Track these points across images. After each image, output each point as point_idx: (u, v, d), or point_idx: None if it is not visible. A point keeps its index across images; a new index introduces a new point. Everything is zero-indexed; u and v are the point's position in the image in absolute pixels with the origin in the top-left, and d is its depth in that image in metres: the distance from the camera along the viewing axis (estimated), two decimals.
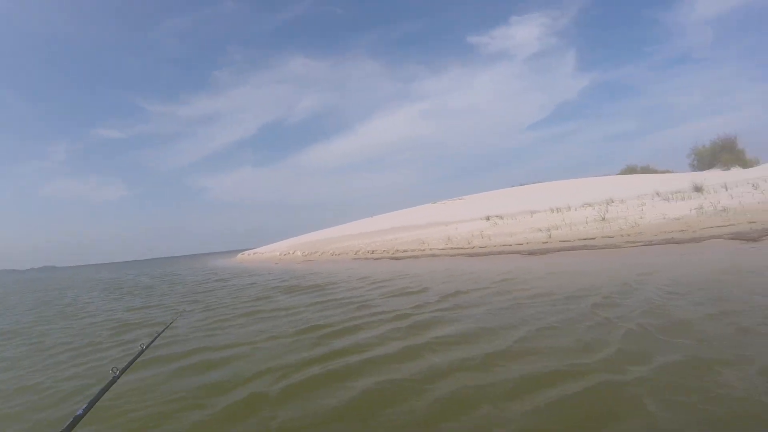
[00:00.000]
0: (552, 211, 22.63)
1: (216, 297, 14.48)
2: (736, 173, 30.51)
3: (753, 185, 18.87)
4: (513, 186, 48.33)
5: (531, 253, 15.64)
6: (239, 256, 52.93)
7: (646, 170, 41.42)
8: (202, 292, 16.49)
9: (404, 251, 22.82)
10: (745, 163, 36.23)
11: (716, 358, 4.23)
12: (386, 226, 36.31)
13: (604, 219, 17.40)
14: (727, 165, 35.24)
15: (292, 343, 6.73)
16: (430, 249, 21.39)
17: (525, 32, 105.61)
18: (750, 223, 13.55)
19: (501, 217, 25.01)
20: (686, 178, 26.10)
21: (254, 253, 48.77)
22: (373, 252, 25.11)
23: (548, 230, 17.89)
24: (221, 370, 5.78)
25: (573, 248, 15.02)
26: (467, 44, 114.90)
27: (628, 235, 14.76)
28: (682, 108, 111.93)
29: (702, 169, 37.01)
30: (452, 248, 20.23)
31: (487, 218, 25.64)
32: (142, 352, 2.83)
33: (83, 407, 1.87)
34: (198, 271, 35.19)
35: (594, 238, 15.49)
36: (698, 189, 19.50)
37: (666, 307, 6.37)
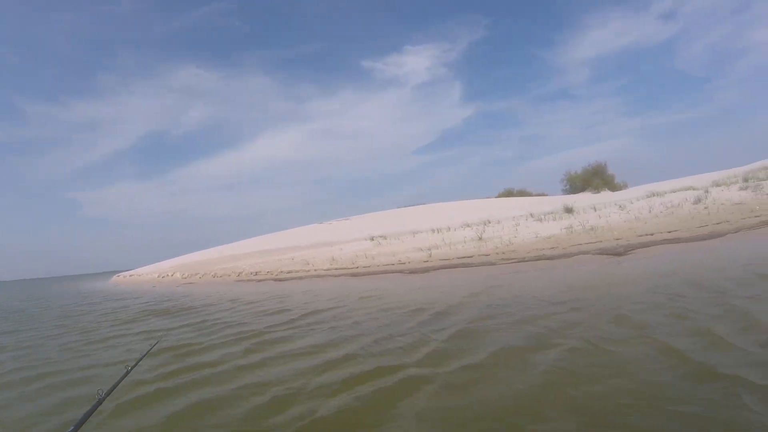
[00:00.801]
0: (433, 231, 23.11)
1: (84, 321, 13.37)
2: (606, 196, 32.87)
3: (619, 206, 20.35)
4: (399, 207, 49.07)
5: (412, 271, 15.82)
6: (115, 278, 49.69)
7: (522, 193, 43.72)
8: (68, 317, 15.15)
9: (288, 272, 22.31)
10: (614, 187, 39.12)
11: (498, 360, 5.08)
12: (272, 246, 35.49)
13: (481, 238, 17.99)
14: (597, 189, 37.89)
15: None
16: (315, 269, 21.07)
17: (417, 61, 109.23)
18: (616, 239, 14.61)
19: (385, 237, 25.17)
20: (559, 201, 27.71)
21: (132, 275, 45.94)
22: (256, 273, 24.35)
23: (429, 250, 18.21)
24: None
25: (452, 266, 15.37)
26: (361, 69, 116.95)
27: (503, 253, 15.39)
28: (557, 138, 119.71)
29: (574, 193, 39.39)
30: (337, 268, 20.05)
31: (372, 238, 25.71)
32: (127, 372, 2.75)
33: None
34: (68, 294, 32.67)
35: (471, 257, 15.97)
36: (569, 210, 20.71)
37: (493, 313, 7.65)
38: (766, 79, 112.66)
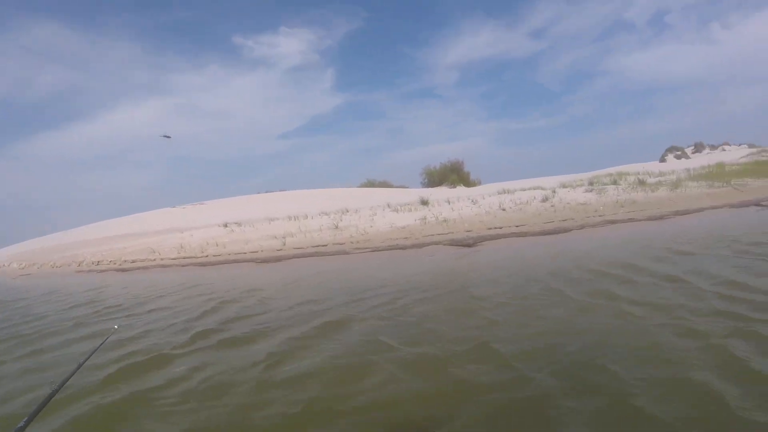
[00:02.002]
0: (290, 219, 22.45)
1: None
2: (461, 191, 34.12)
3: (472, 201, 20.96)
4: (258, 193, 47.67)
5: (264, 260, 15.13)
6: None
7: (384, 184, 44.20)
8: None
9: (133, 261, 20.60)
10: (469, 183, 40.72)
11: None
12: (119, 232, 32.74)
13: (337, 227, 17.68)
14: (453, 184, 39.21)
15: None
16: (161, 258, 19.63)
17: (291, 44, 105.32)
18: (467, 231, 14.92)
19: (239, 224, 24.10)
20: (417, 193, 28.19)
21: None
22: (98, 263, 22.26)
23: (284, 237, 17.59)
24: None
25: (306, 255, 14.89)
26: (232, 44, 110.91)
27: (358, 242, 15.18)
28: (421, 133, 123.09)
29: (432, 186, 40.46)
30: (184, 257, 18.77)
31: (225, 225, 24.53)
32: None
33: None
34: None
35: (326, 245, 15.60)
36: (425, 202, 21.02)
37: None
38: (614, 100, 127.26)
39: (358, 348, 5.25)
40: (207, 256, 18.15)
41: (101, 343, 3.31)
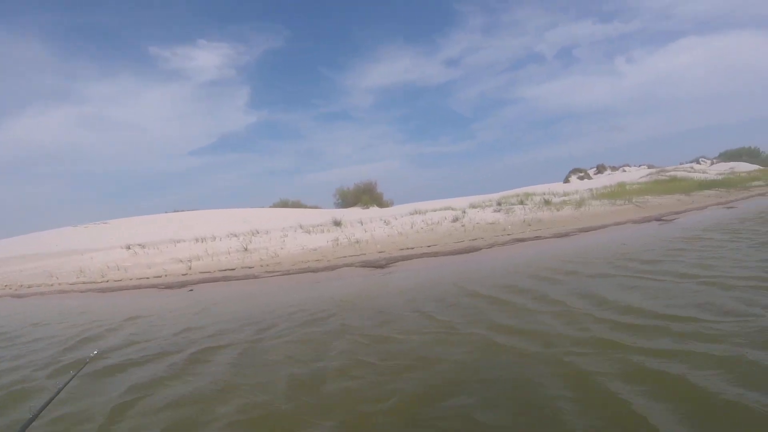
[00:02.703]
0: (197, 240, 21.69)
1: None
2: (374, 211, 34.32)
3: (385, 221, 21.07)
4: (166, 212, 45.88)
5: (168, 286, 14.42)
6: None
7: (297, 205, 43.79)
8: None
9: (29, 286, 19.19)
10: (382, 204, 41.05)
11: None
12: (16, 252, 30.71)
13: (246, 249, 17.22)
14: (366, 204, 39.32)
15: None
16: (59, 283, 18.42)
17: (208, 58, 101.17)
18: (379, 252, 14.93)
19: (143, 246, 23.05)
20: (330, 214, 28.02)
21: None
22: None
23: (190, 261, 16.93)
24: None
25: (213, 279, 14.34)
26: (147, 54, 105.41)
27: (268, 266, 14.82)
28: (336, 154, 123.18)
29: (346, 207, 40.49)
30: (84, 282, 17.66)
31: (128, 247, 23.41)
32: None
33: None
34: None
35: (234, 269, 15.12)
36: (338, 223, 20.92)
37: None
38: (522, 126, 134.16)
39: (225, 377, 5.26)
40: (108, 281, 17.18)
41: (80, 369, 3.30)
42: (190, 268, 16.09)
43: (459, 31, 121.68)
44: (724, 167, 63.35)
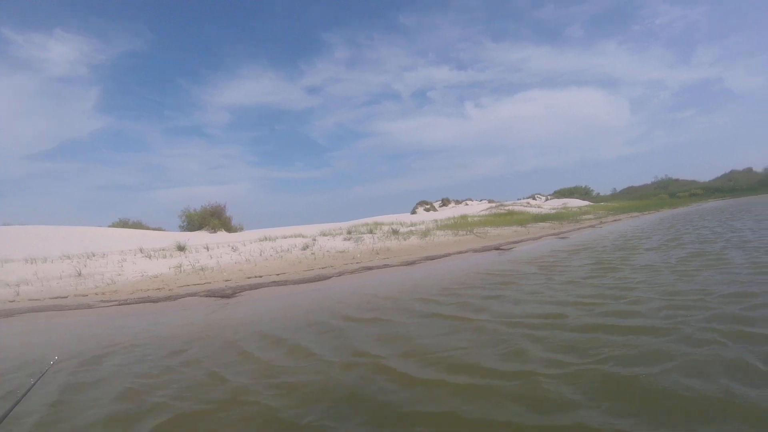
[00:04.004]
0: (27, 261, 19.91)
1: None
2: (222, 236, 33.48)
3: (232, 247, 20.76)
4: None
5: None
6: None
7: (138, 226, 41.23)
8: None
9: None
10: (231, 229, 40.15)
11: None
12: None
13: (80, 274, 16.10)
14: (214, 228, 38.21)
15: None
16: None
17: (62, 51, 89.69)
18: (226, 281, 14.68)
19: None
20: (175, 237, 26.92)
21: None
22: None
23: (17, 285, 15.51)
24: None
25: (42, 308, 13.19)
26: (2, 36, 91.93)
27: (104, 294, 13.95)
28: (183, 172, 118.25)
29: (192, 230, 39.02)
30: None
31: None
32: None
33: None
34: None
35: (67, 297, 14.07)
36: (182, 248, 20.25)
37: None
38: (374, 158, 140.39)
39: None
40: None
41: (39, 377, 3.26)
42: (18, 294, 14.76)
43: (324, 61, 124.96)
44: (558, 203, 69.93)
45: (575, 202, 70.93)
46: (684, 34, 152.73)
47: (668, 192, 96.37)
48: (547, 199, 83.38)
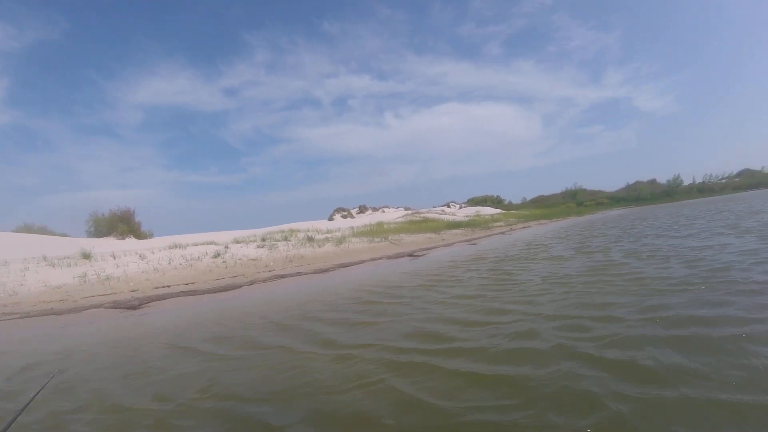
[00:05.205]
0: None
1: None
2: (131, 243, 32.74)
3: (140, 256, 20.50)
4: None
5: None
6: None
7: (42, 231, 39.51)
8: None
9: None
10: (140, 235, 39.36)
11: None
12: None
13: None
14: (123, 235, 37.39)
15: None
16: None
17: None
18: (132, 291, 14.63)
19: None
20: (80, 244, 26.18)
21: None
22: None
23: None
24: None
25: None
26: None
27: (5, 306, 13.55)
28: (91, 174, 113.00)
29: (99, 237, 37.93)
30: None
31: None
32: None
33: None
34: None
35: None
36: (87, 256, 19.85)
37: None
38: (291, 164, 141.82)
39: None
40: None
41: (44, 385, 3.22)
42: None
43: (243, 62, 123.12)
44: (471, 211, 72.33)
45: (488, 210, 73.54)
46: (596, 57, 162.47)
47: (576, 201, 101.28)
48: (461, 207, 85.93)
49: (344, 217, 64.26)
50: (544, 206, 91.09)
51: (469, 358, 5.95)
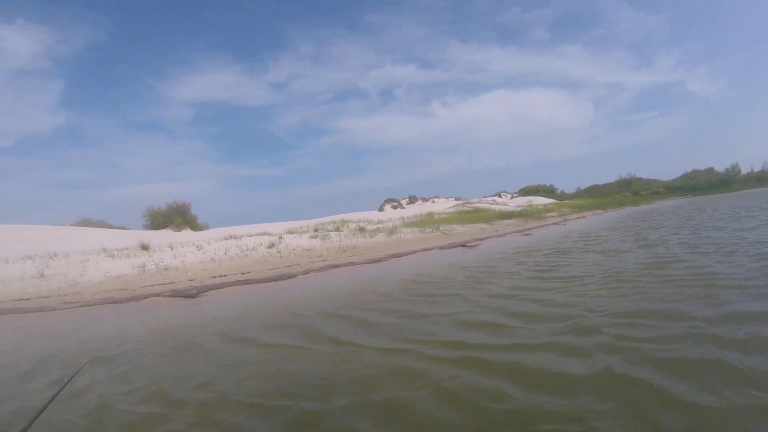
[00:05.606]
0: None
1: None
2: (187, 235, 33.26)
3: (197, 246, 20.70)
4: None
5: None
6: None
7: (101, 224, 40.59)
8: None
9: None
10: (196, 227, 39.92)
11: None
12: None
13: (42, 275, 15.92)
14: (179, 227, 37.97)
15: None
16: None
17: (22, 42, 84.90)
18: (190, 280, 14.70)
19: None
20: (138, 236, 26.68)
21: None
22: None
23: None
24: None
25: (5, 311, 13.03)
26: None
27: (66, 295, 13.85)
28: (143, 169, 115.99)
29: (156, 229, 38.71)
30: None
31: None
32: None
33: None
34: None
35: (29, 299, 13.93)
36: (145, 247, 20.16)
37: None
38: (339, 155, 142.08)
39: None
40: None
41: (75, 373, 3.25)
42: None
43: (288, 57, 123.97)
44: (523, 201, 71.03)
45: (540, 200, 72.13)
46: (645, 40, 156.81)
47: (631, 190, 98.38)
48: (512, 197, 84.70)
49: (394, 207, 64.14)
50: (598, 196, 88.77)
51: (520, 354, 5.57)
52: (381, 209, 63.06)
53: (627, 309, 7.11)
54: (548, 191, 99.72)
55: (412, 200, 72.06)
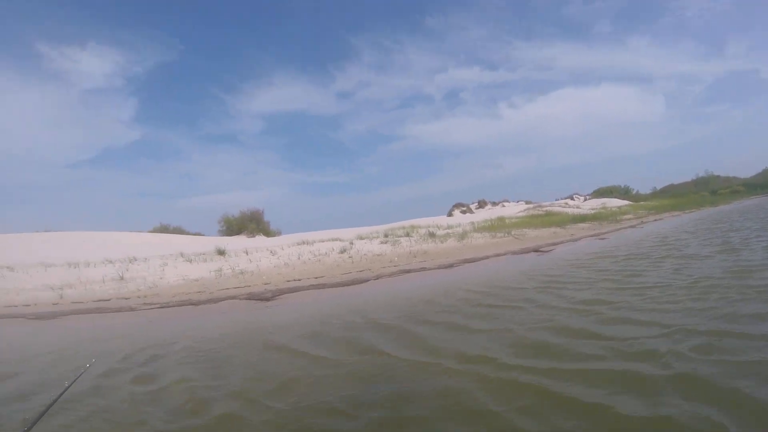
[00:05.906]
0: (70, 266, 20.34)
1: None
2: (260, 240, 33.77)
3: (271, 251, 20.90)
4: (37, 231, 42.13)
5: (39, 317, 13.39)
6: None
7: (178, 231, 41.87)
8: None
9: None
10: (269, 233, 40.57)
11: None
12: None
13: (122, 278, 16.41)
14: (252, 233, 38.65)
15: None
16: None
17: (96, 64, 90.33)
18: (265, 284, 14.77)
19: (12, 269, 21.39)
20: (214, 242, 27.30)
21: None
22: None
23: (61, 289, 15.88)
24: None
25: (85, 311, 13.49)
26: (34, 51, 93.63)
27: (146, 297, 14.21)
28: (218, 179, 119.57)
29: (230, 235, 39.60)
30: None
31: None
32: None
33: None
34: None
35: (109, 300, 14.37)
36: (221, 252, 20.49)
37: None
38: (406, 161, 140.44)
39: None
40: None
41: (80, 374, 3.24)
42: (62, 297, 15.11)
43: (353, 66, 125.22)
44: (597, 203, 68.62)
45: (614, 202, 69.58)
46: (713, 25, 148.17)
47: (708, 189, 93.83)
48: (585, 199, 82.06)
49: (463, 212, 63.31)
50: (675, 196, 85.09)
51: (588, 383, 4.67)
52: (450, 214, 62.37)
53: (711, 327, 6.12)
54: (623, 192, 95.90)
55: (482, 204, 70.98)
